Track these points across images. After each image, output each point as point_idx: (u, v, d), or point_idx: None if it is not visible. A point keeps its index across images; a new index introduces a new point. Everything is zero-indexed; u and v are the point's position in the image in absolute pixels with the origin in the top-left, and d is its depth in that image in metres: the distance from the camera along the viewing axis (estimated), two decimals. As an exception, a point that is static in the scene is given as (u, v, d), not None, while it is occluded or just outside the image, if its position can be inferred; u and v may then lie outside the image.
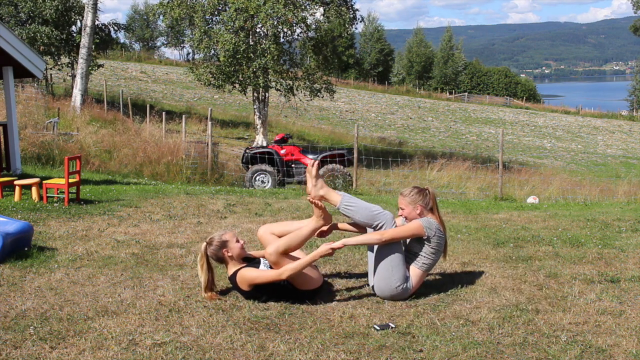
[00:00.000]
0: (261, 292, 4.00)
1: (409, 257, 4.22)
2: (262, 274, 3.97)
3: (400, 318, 3.77)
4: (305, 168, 13.44)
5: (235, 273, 4.05)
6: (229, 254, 4.07)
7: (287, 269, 3.87)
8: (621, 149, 35.63)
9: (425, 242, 4.15)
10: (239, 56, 19.47)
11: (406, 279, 4.10)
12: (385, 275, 4.07)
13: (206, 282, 4.06)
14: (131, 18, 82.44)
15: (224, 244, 4.07)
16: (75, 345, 3.29)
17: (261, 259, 4.22)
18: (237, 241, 4.10)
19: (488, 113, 49.89)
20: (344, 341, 3.40)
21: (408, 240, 4.31)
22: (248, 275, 3.98)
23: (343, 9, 20.63)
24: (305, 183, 13.10)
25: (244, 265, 4.11)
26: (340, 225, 4.41)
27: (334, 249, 3.89)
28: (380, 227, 4.09)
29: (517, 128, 42.07)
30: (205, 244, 4.11)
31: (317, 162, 4.39)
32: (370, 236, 4.05)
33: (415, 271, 4.15)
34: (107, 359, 3.15)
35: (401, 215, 4.31)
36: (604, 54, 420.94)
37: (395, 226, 4.14)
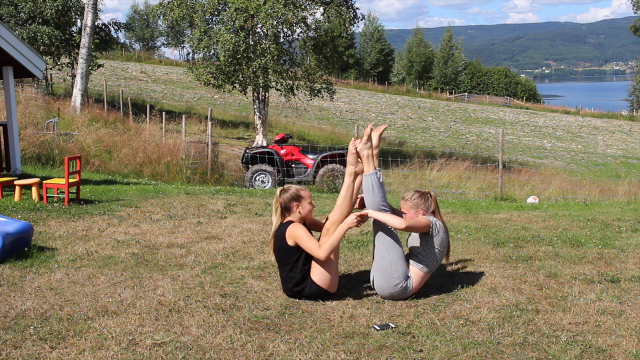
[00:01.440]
0: (294, 254, 4.06)
1: (411, 256, 4.22)
2: (309, 239, 4.04)
3: (400, 318, 3.77)
4: (305, 168, 13.45)
5: (289, 222, 4.13)
6: (298, 210, 4.14)
7: (324, 246, 3.97)
8: (621, 149, 35.61)
9: (428, 241, 4.15)
10: (239, 56, 19.47)
11: (407, 277, 4.10)
12: (386, 273, 4.07)
13: (277, 226, 4.16)
14: (131, 18, 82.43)
15: (297, 197, 4.15)
16: (75, 345, 3.30)
17: None
18: (311, 204, 4.18)
19: (488, 113, 49.88)
20: (344, 341, 3.40)
21: (410, 240, 4.32)
22: (298, 231, 4.05)
23: (343, 8, 20.62)
24: (304, 183, 13.13)
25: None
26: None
27: (359, 217, 4.01)
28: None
29: (517, 128, 42.06)
30: (280, 189, 4.21)
31: (376, 127, 4.40)
32: (393, 219, 4.06)
33: (416, 272, 4.15)
34: (107, 359, 3.15)
35: None
36: (604, 54, 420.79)
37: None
